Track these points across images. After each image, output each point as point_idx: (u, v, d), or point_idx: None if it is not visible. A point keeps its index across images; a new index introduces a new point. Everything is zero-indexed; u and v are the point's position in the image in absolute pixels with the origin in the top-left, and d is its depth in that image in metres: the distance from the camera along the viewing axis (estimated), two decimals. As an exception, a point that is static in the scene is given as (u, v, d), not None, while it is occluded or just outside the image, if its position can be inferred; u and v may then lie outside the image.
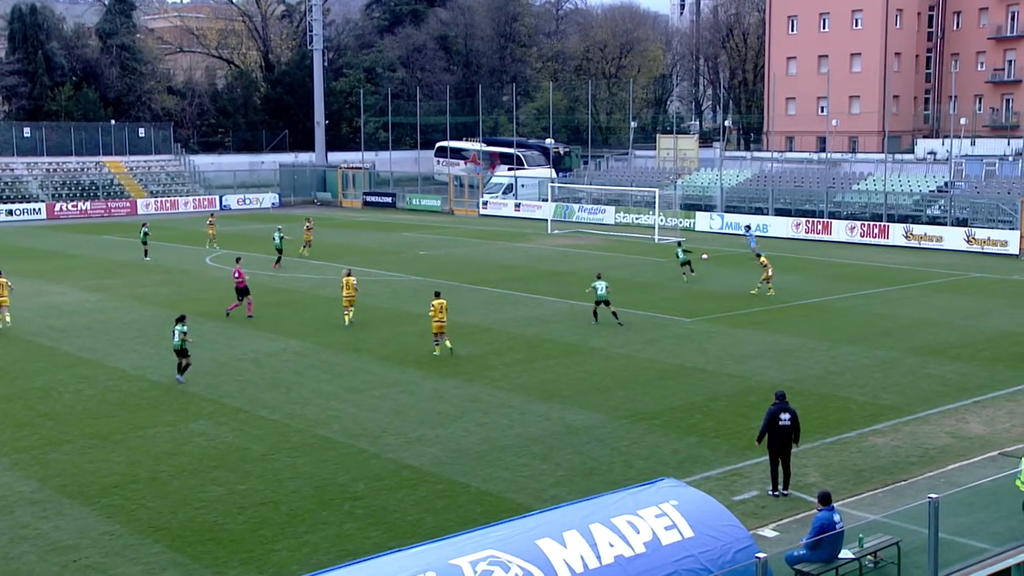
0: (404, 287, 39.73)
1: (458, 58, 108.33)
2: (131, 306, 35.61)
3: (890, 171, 62.47)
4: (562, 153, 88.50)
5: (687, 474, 17.95)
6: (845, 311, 33.88)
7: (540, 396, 23.46)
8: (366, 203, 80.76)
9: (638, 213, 63.53)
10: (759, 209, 62.38)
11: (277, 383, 24.80)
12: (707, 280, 41.00)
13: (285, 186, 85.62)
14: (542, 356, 27.55)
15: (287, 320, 32.98)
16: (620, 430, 20.89)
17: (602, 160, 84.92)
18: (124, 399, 23.56)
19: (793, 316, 33.26)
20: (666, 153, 78.37)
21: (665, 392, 23.83)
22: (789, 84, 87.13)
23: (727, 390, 23.96)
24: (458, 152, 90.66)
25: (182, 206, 77.42)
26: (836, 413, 22.09)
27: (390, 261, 47.41)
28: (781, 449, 17.19)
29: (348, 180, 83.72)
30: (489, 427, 21.14)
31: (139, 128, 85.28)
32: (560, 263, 45.66)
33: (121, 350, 28.65)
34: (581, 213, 66.13)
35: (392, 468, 18.71)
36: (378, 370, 26.08)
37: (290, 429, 21.12)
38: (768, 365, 26.37)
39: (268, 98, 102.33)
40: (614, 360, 27.10)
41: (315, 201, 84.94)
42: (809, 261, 46.75)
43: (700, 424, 21.28)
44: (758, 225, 57.79)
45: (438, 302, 27.42)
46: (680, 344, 28.98)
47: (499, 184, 76.92)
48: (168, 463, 19.06)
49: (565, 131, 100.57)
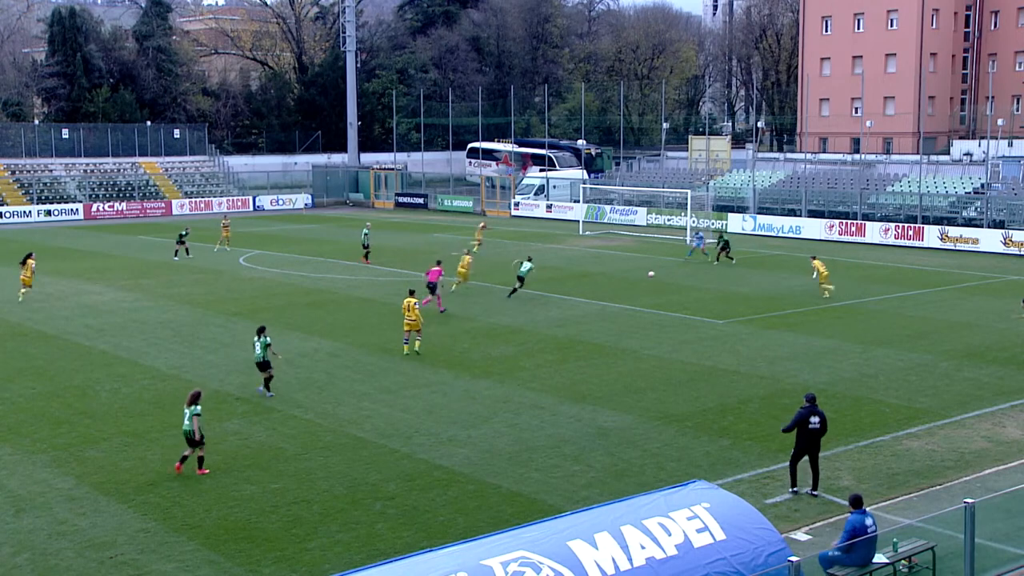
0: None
1: (490, 59, 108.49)
2: (166, 306, 35.93)
3: (925, 172, 61.88)
4: (594, 154, 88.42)
5: (719, 476, 17.88)
6: (879, 313, 33.61)
7: (571, 397, 23.46)
8: (398, 204, 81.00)
9: (670, 215, 63.30)
10: (792, 211, 61.99)
11: (310, 383, 24.93)
12: (739, 282, 40.78)
13: (318, 187, 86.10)
14: (573, 357, 27.54)
15: (320, 320, 33.16)
16: (652, 432, 20.84)
17: (634, 161, 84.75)
18: (159, 398, 23.77)
19: (827, 318, 33.03)
20: (698, 154, 78.06)
21: (697, 394, 23.75)
22: (823, 85, 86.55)
23: (760, 392, 23.84)
24: (490, 153, 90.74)
25: (216, 207, 77.97)
26: (870, 416, 21.91)
27: (423, 262, 47.51)
28: (810, 451, 17.12)
29: (380, 181, 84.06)
30: (520, 428, 21.15)
31: (174, 129, 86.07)
32: (592, 264, 45.59)
33: (156, 349, 28.92)
34: (613, 214, 66.00)
35: (424, 468, 18.77)
36: (410, 370, 26.16)
37: (322, 429, 21.23)
38: (801, 367, 26.22)
39: (301, 99, 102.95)
40: (646, 361, 27.04)
41: (347, 202, 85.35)
42: (842, 263, 46.40)
43: (732, 426, 21.19)
44: (791, 227, 57.49)
45: (406, 301, 27.59)
46: (712, 346, 28.87)
47: (531, 185, 76.93)
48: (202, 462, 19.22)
49: (597, 132, 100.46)
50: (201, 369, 26.37)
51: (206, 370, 26.26)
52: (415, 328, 27.60)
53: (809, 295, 37.31)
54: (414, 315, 27.46)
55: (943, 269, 44.32)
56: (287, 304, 35.90)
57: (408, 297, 27.92)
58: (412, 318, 27.44)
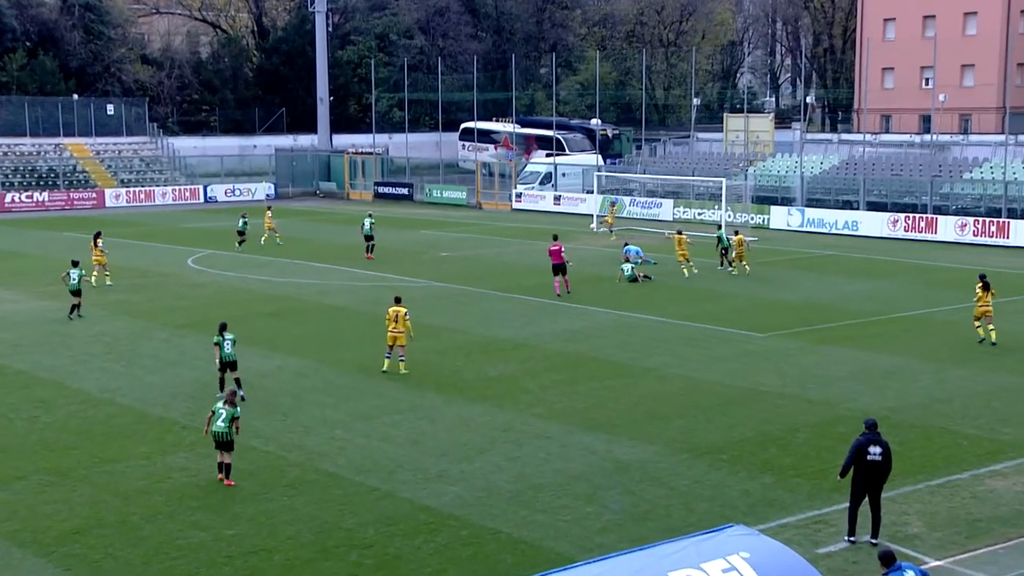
0: (423, 295, 39.83)
1: (487, 23, 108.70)
2: (98, 316, 35.92)
3: (1011, 156, 61.91)
4: (610, 136, 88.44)
5: (760, 520, 17.88)
6: (954, 326, 33.60)
7: (584, 425, 23.47)
8: (378, 195, 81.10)
9: (701, 208, 63.40)
10: (848, 203, 62.11)
11: (272, 408, 24.95)
12: (784, 288, 40.82)
13: (282, 175, 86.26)
14: (586, 377, 27.56)
15: (284, 333, 33.16)
16: (679, 466, 20.85)
17: (658, 144, 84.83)
18: (89, 427, 23.77)
19: (890, 331, 33.04)
20: (735, 136, 78.15)
21: (733, 421, 23.75)
22: (886, 51, 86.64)
23: (809, 419, 23.84)
24: (487, 135, 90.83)
25: (159, 197, 78.18)
26: (944, 450, 21.91)
27: (406, 264, 47.58)
28: (870, 489, 17.09)
29: (357, 168, 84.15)
30: (523, 462, 21.17)
31: (107, 104, 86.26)
32: (608, 266, 45.63)
33: (85, 368, 28.92)
34: (633, 207, 66.09)
35: (408, 510, 18.78)
36: (392, 393, 26.18)
37: (287, 463, 21.24)
38: (860, 390, 26.22)
39: (262, 70, 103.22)
40: (672, 382, 27.04)
41: (317, 192, 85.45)
42: (909, 265, 46.42)
43: (776, 460, 21.20)
44: (847, 222, 57.56)
45: (394, 310, 27.60)
46: (752, 363, 28.88)
47: (535, 173, 76.96)
48: (141, 504, 19.21)
49: (614, 110, 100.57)
50: (141, 392, 26.37)
51: (147, 393, 26.25)
52: (401, 343, 27.65)
53: (871, 303, 37.31)
54: (402, 327, 27.49)
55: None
56: (245, 314, 35.92)
57: (395, 305, 27.87)
58: (400, 330, 27.47)
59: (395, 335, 27.53)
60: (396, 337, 27.53)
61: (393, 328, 27.51)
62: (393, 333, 27.56)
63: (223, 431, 20.10)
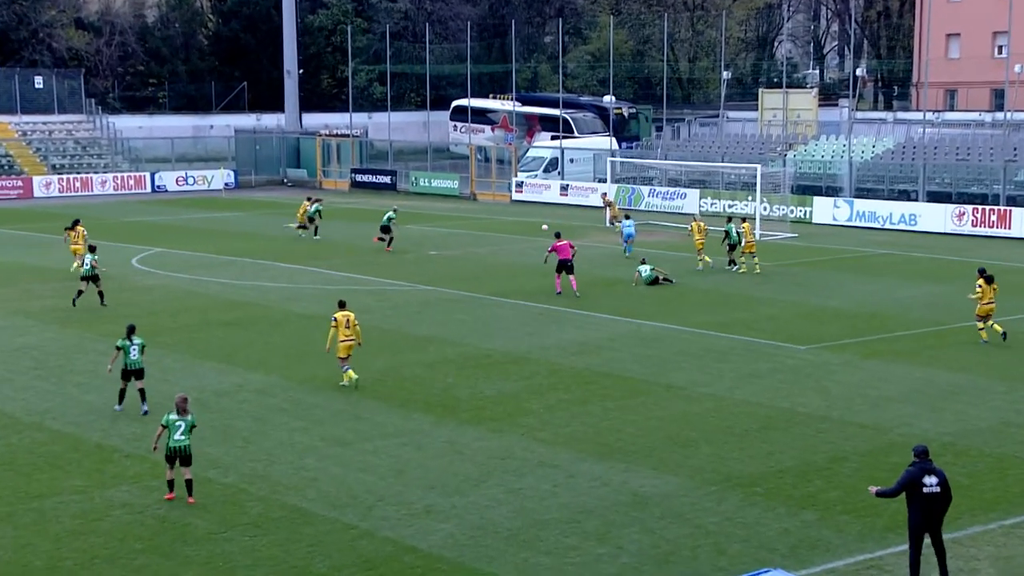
0: (408, 300, 39.79)
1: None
2: (24, 326, 35.89)
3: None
4: (626, 115, 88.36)
5: (803, 564, 17.90)
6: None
7: (596, 452, 23.46)
8: (356, 184, 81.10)
9: (731, 199, 63.38)
10: (905, 193, 62.04)
11: (231, 433, 24.91)
12: (829, 292, 40.79)
13: (243, 160, 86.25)
14: (598, 396, 27.56)
15: (246, 345, 33.12)
16: (707, 501, 20.84)
17: (682, 125, 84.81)
18: (12, 456, 23.68)
19: (953, 343, 33.05)
20: (772, 115, 78.06)
21: (770, 448, 23.75)
22: (951, 14, 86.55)
23: (858, 447, 23.83)
24: (483, 114, 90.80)
25: (97, 186, 78.14)
26: (1019, 483, 21.88)
27: (388, 264, 47.54)
28: (930, 526, 17.06)
29: (331, 152, 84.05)
30: (525, 495, 21.15)
31: (35, 76, 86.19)
32: (623, 268, 45.61)
33: (9, 387, 28.84)
34: (653, 199, 66.07)
35: (390, 551, 18.77)
36: (372, 415, 26.16)
37: (248, 497, 21.20)
38: (918, 412, 26.20)
39: (219, 37, 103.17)
40: (698, 402, 27.05)
41: (285, 181, 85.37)
42: (976, 266, 46.30)
43: (820, 494, 21.18)
44: (903, 216, 57.47)
45: (342, 315, 28.07)
46: (791, 381, 28.87)
47: (539, 159, 76.85)
48: (75, 546, 19.14)
49: (631, 85, 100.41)
50: (76, 414, 26.31)
51: (83, 415, 26.19)
52: (349, 352, 28.22)
53: (931, 310, 37.29)
54: (353, 333, 28.05)
55: (1121, 275, 44.37)
56: (200, 323, 35.84)
57: (340, 310, 28.32)
58: (353, 337, 28.02)
59: (349, 344, 28.06)
60: (348, 346, 28.10)
61: (345, 336, 27.98)
62: (347, 342, 28.02)
63: (184, 444, 20.36)
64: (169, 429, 20.51)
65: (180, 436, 20.44)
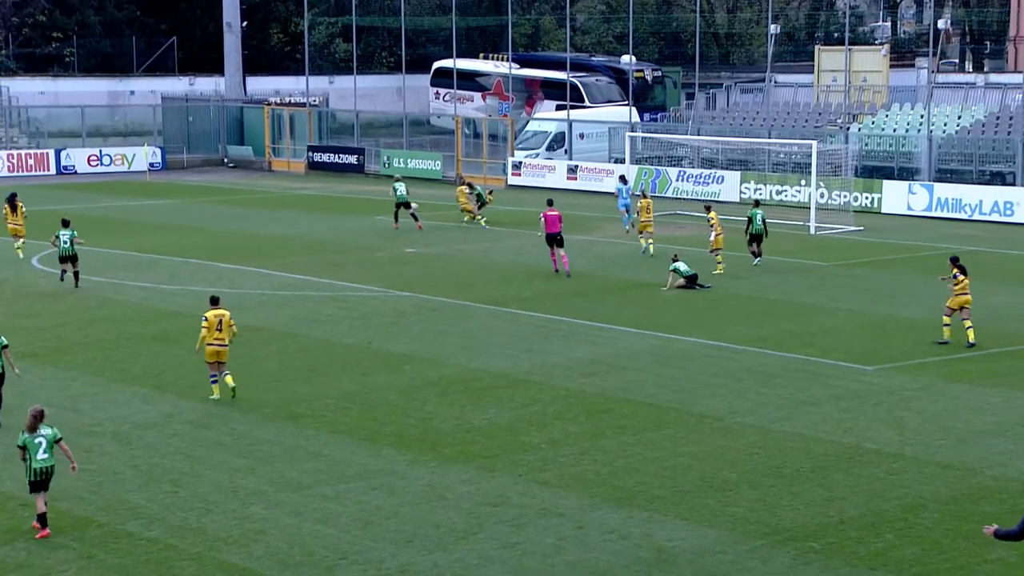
0: (378, 309, 39.87)
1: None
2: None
3: None
4: (650, 80, 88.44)
5: (870, 636, 17.93)
6: None
7: (611, 497, 23.48)
8: (313, 164, 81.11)
9: (780, 184, 63.43)
10: (999, 175, 61.89)
11: (157, 475, 24.90)
12: (901, 299, 40.84)
13: (172, 135, 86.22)
14: (613, 428, 27.60)
15: (176, 365, 33.08)
16: (750, 559, 20.85)
17: (719, 92, 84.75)
18: None
19: (1058, 362, 33.18)
20: (831, 79, 78.03)
21: (830, 494, 23.76)
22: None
23: (940, 492, 23.83)
24: (471, 78, 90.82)
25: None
26: None
27: (354, 265, 47.56)
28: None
29: (282, 125, 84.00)
30: (524, 550, 21.15)
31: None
32: (642, 269, 45.68)
33: None
34: (682, 183, 66.01)
35: (353, 622, 18.80)
36: (333, 451, 26.17)
37: (178, 555, 21.16)
38: (1016, 450, 26.20)
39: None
40: (738, 436, 27.06)
41: (225, 161, 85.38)
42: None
43: (892, 551, 21.19)
44: (995, 204, 57.39)
45: (215, 314, 28.72)
46: (855, 409, 28.89)
47: (541, 133, 76.83)
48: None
49: (655, 42, 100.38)
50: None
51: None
52: (224, 357, 28.88)
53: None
54: (225, 337, 28.68)
55: None
56: (118, 337, 35.90)
57: (213, 308, 28.83)
58: (224, 340, 28.68)
59: (218, 348, 28.70)
60: (220, 351, 28.77)
61: (216, 339, 28.53)
62: (216, 346, 28.60)
63: (50, 464, 20.68)
64: (29, 450, 20.64)
65: (44, 455, 20.57)
